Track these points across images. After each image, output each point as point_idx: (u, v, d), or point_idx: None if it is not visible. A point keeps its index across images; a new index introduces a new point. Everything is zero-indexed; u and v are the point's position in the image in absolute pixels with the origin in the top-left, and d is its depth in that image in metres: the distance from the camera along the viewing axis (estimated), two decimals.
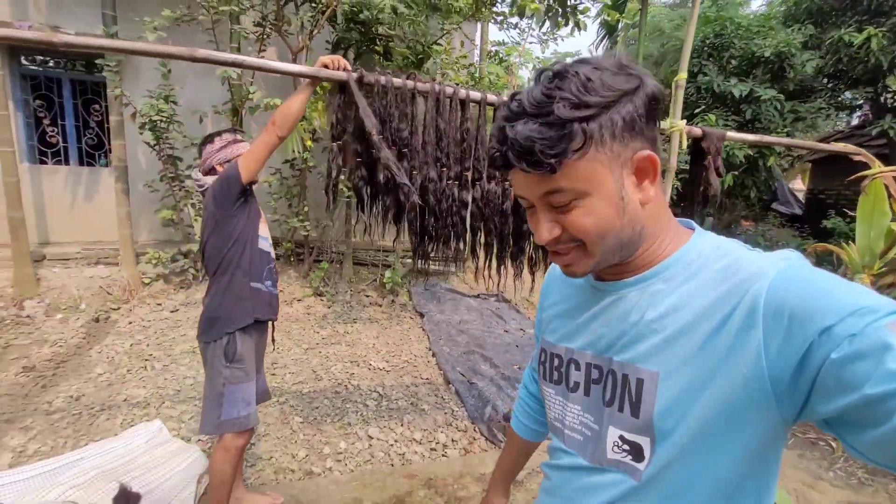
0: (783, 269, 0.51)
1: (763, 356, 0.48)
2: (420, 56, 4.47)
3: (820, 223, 7.40)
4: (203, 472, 2.30)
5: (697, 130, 2.21)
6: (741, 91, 6.62)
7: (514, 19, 4.80)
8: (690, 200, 2.31)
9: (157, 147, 4.51)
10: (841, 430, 0.45)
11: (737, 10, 8.01)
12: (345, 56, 5.31)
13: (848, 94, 6.98)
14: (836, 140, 8.64)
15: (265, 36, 4.28)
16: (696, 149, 2.24)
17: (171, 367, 3.47)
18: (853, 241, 2.92)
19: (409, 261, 5.94)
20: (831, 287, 0.47)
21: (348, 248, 5.74)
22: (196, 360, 3.50)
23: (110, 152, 4.93)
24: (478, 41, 6.26)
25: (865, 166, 2.70)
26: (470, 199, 1.92)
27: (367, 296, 5.52)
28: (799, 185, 12.59)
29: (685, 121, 2.16)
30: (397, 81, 1.77)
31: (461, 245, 1.96)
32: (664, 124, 2.16)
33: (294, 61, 4.29)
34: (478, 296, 6.00)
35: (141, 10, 4.49)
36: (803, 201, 10.07)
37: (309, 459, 2.52)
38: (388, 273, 5.42)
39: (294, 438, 2.70)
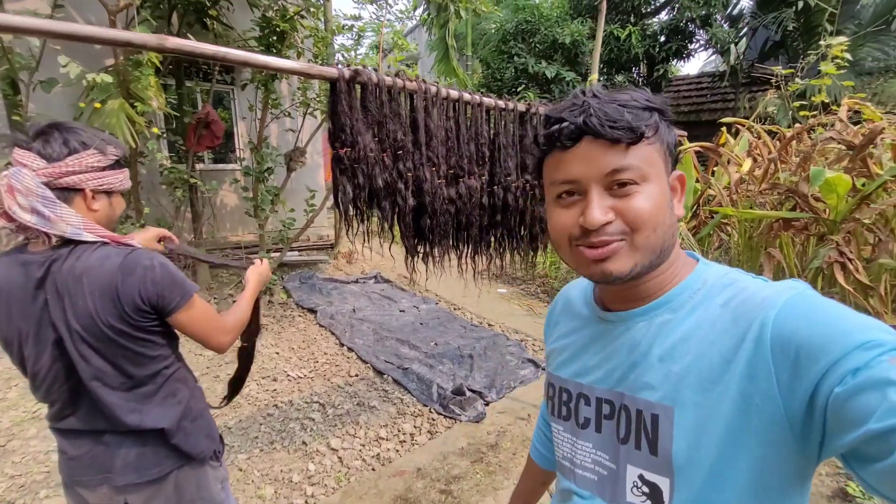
0: (789, 299, 0.51)
1: (776, 390, 0.47)
2: (279, 30, 3.95)
3: None
4: None
5: None
6: (552, 73, 7.81)
7: None
8: None
9: None
10: (853, 464, 0.44)
11: None
12: (168, 21, 4.32)
13: (619, 77, 8.90)
14: None
15: None
16: None
17: (17, 447, 2.56)
18: None
19: (277, 254, 5.42)
20: (838, 319, 0.47)
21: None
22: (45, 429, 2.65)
23: None
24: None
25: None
26: (455, 195, 1.97)
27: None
28: None
29: None
30: (388, 80, 1.67)
31: (451, 241, 2.01)
32: None
33: (113, 24, 3.32)
34: (356, 280, 5.89)
35: None
36: None
37: (281, 494, 2.28)
38: None
39: (249, 479, 2.38)
